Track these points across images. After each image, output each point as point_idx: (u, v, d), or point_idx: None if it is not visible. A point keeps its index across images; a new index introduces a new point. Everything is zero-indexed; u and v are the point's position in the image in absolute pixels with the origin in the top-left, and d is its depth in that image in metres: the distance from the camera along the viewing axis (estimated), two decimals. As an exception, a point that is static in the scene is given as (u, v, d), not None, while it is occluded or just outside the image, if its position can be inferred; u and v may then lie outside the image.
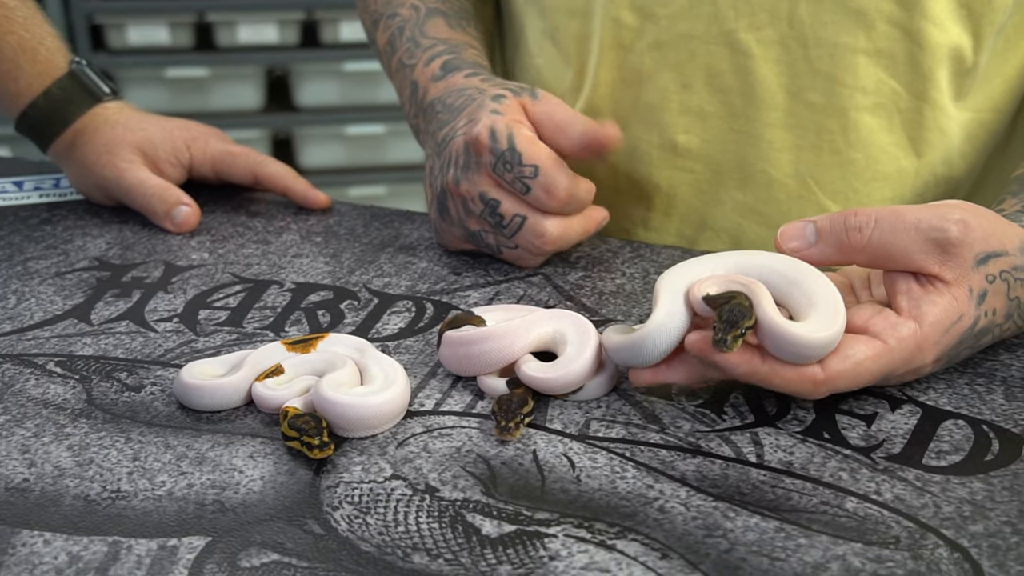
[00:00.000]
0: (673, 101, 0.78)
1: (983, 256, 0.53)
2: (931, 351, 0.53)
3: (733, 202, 0.80)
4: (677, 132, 0.79)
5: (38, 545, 0.46)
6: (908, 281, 0.53)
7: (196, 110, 2.36)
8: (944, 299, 0.52)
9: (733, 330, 0.49)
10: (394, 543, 0.46)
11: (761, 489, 0.49)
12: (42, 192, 0.86)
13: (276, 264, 0.73)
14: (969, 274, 0.53)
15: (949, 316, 0.53)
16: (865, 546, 0.45)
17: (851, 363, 0.51)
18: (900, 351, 0.52)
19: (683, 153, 0.79)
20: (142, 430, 0.54)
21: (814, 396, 0.52)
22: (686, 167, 0.80)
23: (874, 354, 0.51)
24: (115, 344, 0.62)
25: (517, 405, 0.53)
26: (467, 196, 0.68)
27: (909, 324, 0.52)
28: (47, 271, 0.72)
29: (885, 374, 0.53)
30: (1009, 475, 0.50)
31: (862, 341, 0.52)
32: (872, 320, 0.53)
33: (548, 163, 0.66)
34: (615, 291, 0.68)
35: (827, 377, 0.51)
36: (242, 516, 0.48)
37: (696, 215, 0.81)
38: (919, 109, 0.74)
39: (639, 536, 0.46)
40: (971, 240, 0.52)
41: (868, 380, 0.52)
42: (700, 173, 0.80)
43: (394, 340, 0.62)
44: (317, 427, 0.51)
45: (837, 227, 0.53)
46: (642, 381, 0.55)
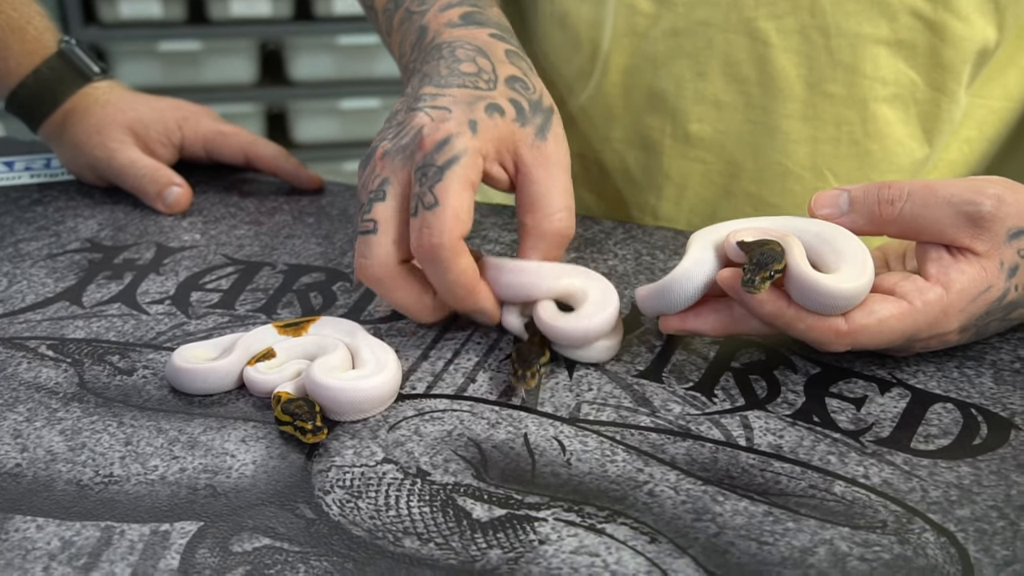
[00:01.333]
0: (688, 89, 0.77)
1: (1016, 231, 0.53)
2: (956, 318, 0.53)
3: (746, 194, 0.79)
4: (691, 121, 0.78)
5: (31, 530, 0.46)
6: (939, 250, 0.54)
7: (189, 84, 2.35)
8: (973, 268, 0.53)
9: (762, 272, 0.50)
10: (385, 527, 0.46)
11: (750, 473, 0.49)
12: (33, 172, 0.86)
13: (268, 245, 0.73)
14: (1001, 247, 0.53)
15: (977, 285, 0.53)
16: (852, 530, 0.46)
17: (875, 319, 0.52)
18: (925, 313, 0.52)
19: (696, 143, 0.79)
20: (134, 414, 0.54)
21: (834, 348, 0.53)
22: (699, 157, 0.79)
23: (899, 313, 0.52)
24: (107, 327, 0.62)
25: (535, 355, 0.54)
26: (378, 170, 0.59)
27: (936, 289, 0.53)
28: (38, 253, 0.72)
29: (908, 335, 0.53)
30: (996, 459, 0.50)
31: (888, 300, 0.52)
32: (900, 283, 0.53)
33: (451, 213, 0.55)
34: (607, 273, 0.68)
35: (850, 329, 0.52)
36: (234, 501, 0.48)
37: (707, 206, 0.81)
38: (936, 101, 0.74)
39: (628, 520, 0.46)
40: (1004, 215, 0.53)
41: (890, 339, 0.53)
42: (713, 164, 0.79)
43: (386, 323, 0.62)
44: (310, 412, 0.51)
45: (870, 198, 0.54)
46: (671, 327, 0.56)
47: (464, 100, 0.60)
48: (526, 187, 0.60)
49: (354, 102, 2.44)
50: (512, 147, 0.60)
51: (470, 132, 0.58)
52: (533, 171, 0.60)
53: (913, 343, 0.55)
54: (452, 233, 0.55)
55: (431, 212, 0.55)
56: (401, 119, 0.61)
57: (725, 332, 0.56)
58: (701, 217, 0.81)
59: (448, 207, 0.55)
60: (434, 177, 0.56)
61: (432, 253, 0.55)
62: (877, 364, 0.58)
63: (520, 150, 0.60)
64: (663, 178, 0.81)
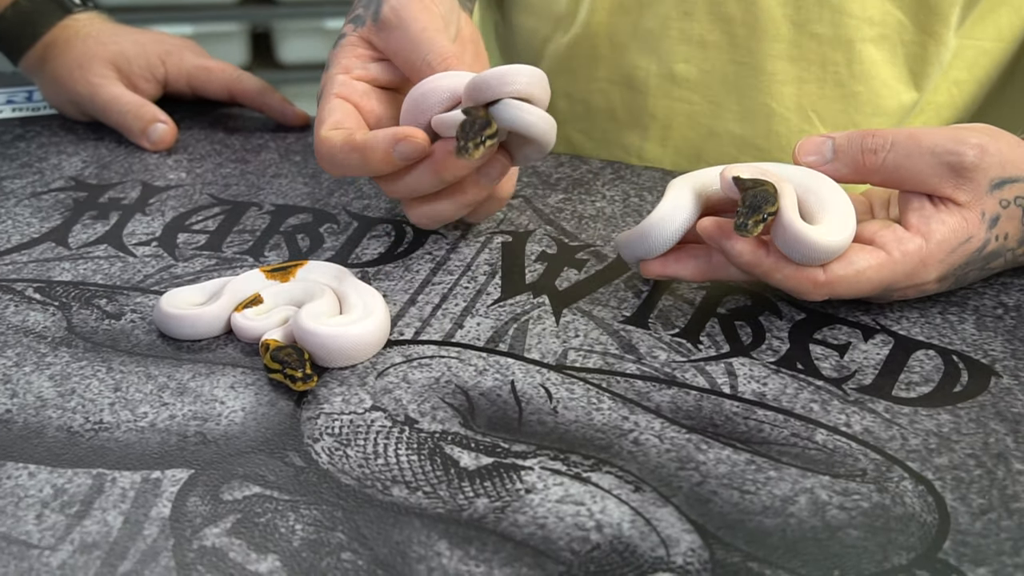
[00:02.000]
0: (673, 29, 0.76)
1: (998, 181, 0.53)
2: (935, 268, 0.54)
3: (731, 135, 0.79)
4: (676, 61, 0.77)
5: (23, 477, 0.47)
6: (921, 199, 0.54)
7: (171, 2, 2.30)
8: (954, 219, 0.53)
9: (755, 215, 0.50)
10: (374, 476, 0.47)
11: (734, 421, 0.50)
12: (15, 106, 0.84)
13: (255, 185, 0.72)
14: (983, 198, 0.53)
15: (957, 236, 0.53)
16: (833, 479, 0.47)
17: (853, 269, 0.52)
18: (903, 264, 0.53)
19: (681, 83, 0.78)
20: (123, 359, 0.55)
21: (811, 298, 0.54)
22: (684, 97, 0.79)
23: (877, 263, 0.52)
24: (94, 269, 0.62)
25: (480, 126, 0.53)
26: None
27: (916, 240, 0.53)
28: (23, 191, 0.71)
29: (886, 285, 0.54)
30: (976, 407, 0.51)
31: (867, 250, 0.53)
32: (880, 232, 0.54)
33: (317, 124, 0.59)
34: (595, 214, 0.68)
35: (828, 280, 0.52)
36: (224, 448, 0.48)
37: (692, 147, 0.81)
38: (923, 43, 0.74)
39: (613, 468, 0.47)
40: (987, 165, 0.53)
41: (868, 289, 0.54)
42: (698, 104, 0.79)
43: (374, 266, 0.63)
44: (300, 359, 0.51)
45: (854, 147, 0.54)
46: (651, 272, 0.57)
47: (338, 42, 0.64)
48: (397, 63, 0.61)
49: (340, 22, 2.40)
50: (367, 45, 0.63)
51: (324, 73, 0.63)
52: (388, 46, 0.61)
53: (891, 292, 0.55)
54: (317, 135, 0.59)
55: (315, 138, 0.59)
56: None
57: (704, 277, 0.56)
58: (686, 158, 0.81)
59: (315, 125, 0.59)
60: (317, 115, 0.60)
61: (321, 162, 0.59)
62: (861, 310, 0.58)
63: (373, 42, 0.62)
64: (648, 118, 0.81)
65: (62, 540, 0.43)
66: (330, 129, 0.59)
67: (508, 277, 0.61)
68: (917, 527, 0.44)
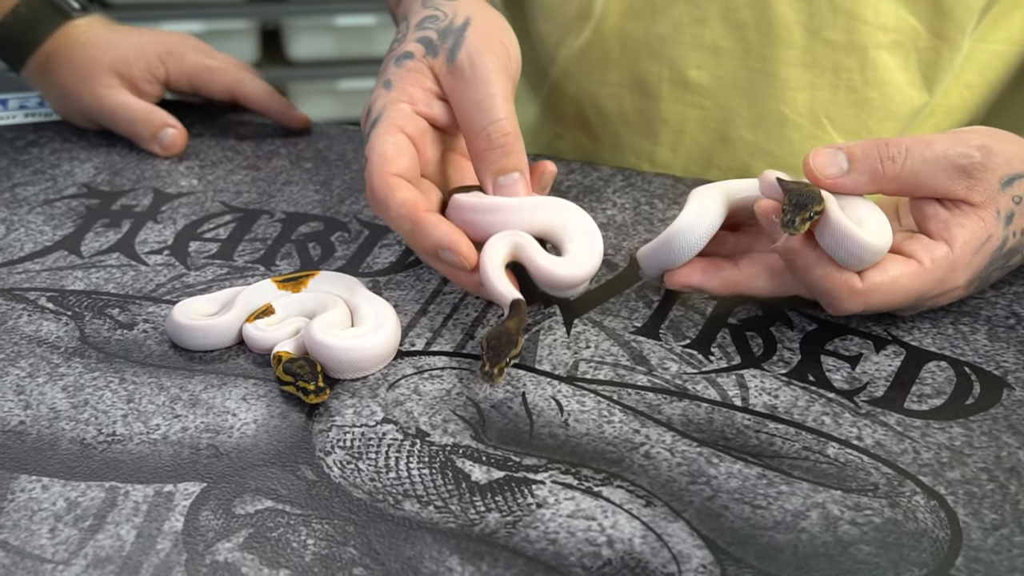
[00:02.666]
0: (686, 35, 0.76)
1: (1008, 178, 0.54)
2: (963, 272, 0.54)
3: (742, 141, 0.79)
4: (688, 67, 0.77)
5: (36, 491, 0.47)
6: (935, 206, 0.54)
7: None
8: (971, 221, 0.53)
9: (802, 212, 0.50)
10: (385, 489, 0.47)
11: (745, 434, 0.50)
12: (27, 111, 0.85)
13: (266, 192, 0.72)
14: (996, 196, 0.53)
15: (978, 237, 0.53)
16: (844, 493, 0.47)
17: (889, 277, 0.52)
18: (934, 271, 0.53)
19: (694, 88, 0.78)
20: (135, 370, 0.55)
21: (845, 307, 0.53)
22: (696, 103, 0.79)
23: (911, 272, 0.53)
24: (106, 278, 0.63)
25: (504, 347, 0.52)
26: None
27: (941, 246, 0.53)
28: (35, 198, 0.71)
29: (919, 294, 0.54)
30: (988, 419, 0.51)
31: (899, 259, 0.53)
32: (905, 243, 0.54)
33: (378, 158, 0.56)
34: (606, 223, 0.68)
35: (865, 288, 0.52)
36: (236, 461, 0.49)
37: (703, 153, 0.81)
38: (936, 48, 0.73)
39: (624, 483, 0.47)
40: (994, 164, 0.53)
41: (902, 299, 0.53)
42: (710, 110, 0.79)
43: (385, 275, 0.63)
44: (312, 372, 0.51)
45: (871, 156, 0.53)
46: (676, 282, 0.57)
47: (382, 71, 0.61)
48: (455, 111, 0.59)
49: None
50: (433, 79, 0.59)
51: (385, 91, 0.59)
52: (454, 94, 0.58)
53: (922, 302, 0.55)
54: (381, 174, 0.56)
55: (365, 169, 0.57)
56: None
57: (730, 291, 0.56)
58: (697, 163, 0.81)
59: (374, 155, 0.56)
60: (364, 142, 0.58)
61: (372, 200, 0.57)
62: (873, 320, 0.58)
63: (440, 79, 0.59)
64: (660, 123, 0.81)
65: (75, 555, 0.44)
66: (396, 175, 0.56)
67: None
68: (929, 543, 0.44)
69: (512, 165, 0.57)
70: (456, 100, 0.58)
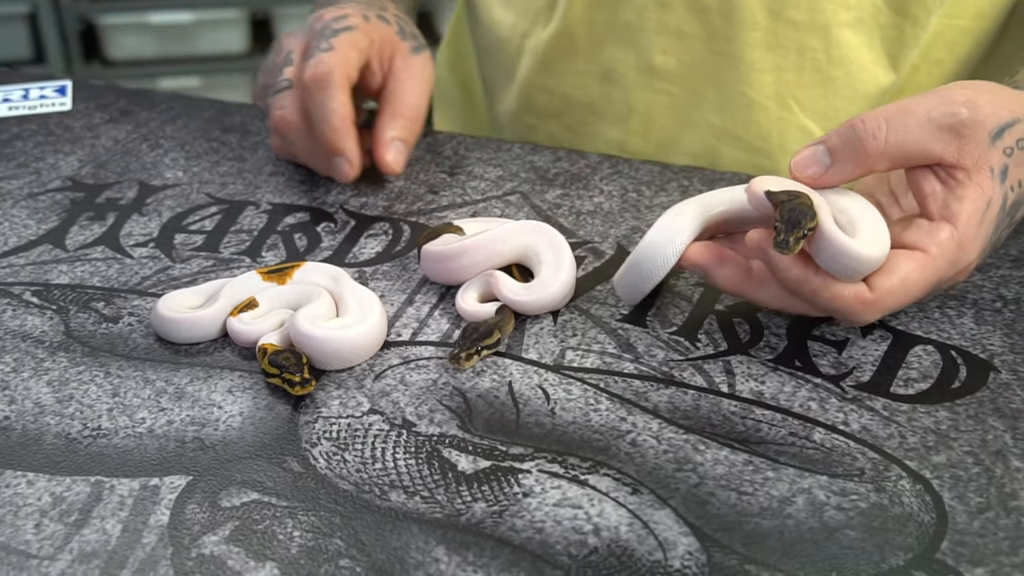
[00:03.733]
0: (651, 20, 0.76)
1: (997, 130, 0.52)
2: (972, 247, 0.52)
3: (709, 125, 0.79)
4: (654, 53, 0.77)
5: (22, 486, 0.47)
6: (932, 183, 0.52)
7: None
8: (969, 191, 0.52)
9: (795, 231, 0.48)
10: (371, 480, 0.47)
11: (731, 421, 0.50)
12: (11, 104, 0.84)
13: (252, 183, 0.72)
14: (987, 153, 0.52)
15: (979, 207, 0.52)
16: (831, 479, 0.47)
17: (898, 278, 0.50)
18: (943, 256, 0.51)
19: (660, 74, 0.78)
20: (120, 364, 0.55)
21: (862, 320, 0.52)
22: (663, 89, 0.79)
23: (919, 266, 0.51)
24: (91, 272, 0.62)
25: (480, 336, 0.53)
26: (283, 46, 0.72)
27: (944, 227, 0.51)
28: (19, 192, 0.71)
29: (934, 284, 0.52)
30: (975, 403, 0.51)
31: (903, 255, 0.51)
32: (906, 233, 0.52)
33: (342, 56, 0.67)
34: (593, 210, 0.68)
35: (876, 297, 0.50)
36: (222, 454, 0.48)
37: (671, 138, 0.81)
38: (899, 26, 0.73)
39: (611, 471, 0.47)
40: (983, 116, 0.52)
41: (918, 294, 0.52)
42: (677, 95, 0.79)
43: (371, 265, 0.62)
44: (298, 363, 0.51)
45: (850, 140, 0.52)
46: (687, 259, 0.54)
47: (360, 8, 0.72)
48: (391, 84, 0.70)
49: None
50: (390, 52, 0.71)
51: (363, 20, 0.70)
52: (400, 73, 0.70)
53: (941, 287, 0.54)
54: (341, 69, 0.66)
55: (326, 52, 0.67)
56: None
57: (735, 291, 0.54)
58: (666, 149, 0.81)
59: (339, 51, 0.67)
60: (331, 34, 0.68)
61: (322, 80, 0.65)
62: (860, 305, 0.58)
63: (395, 56, 0.71)
64: (628, 110, 0.81)
65: (61, 549, 0.44)
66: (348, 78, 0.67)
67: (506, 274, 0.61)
68: (915, 527, 0.44)
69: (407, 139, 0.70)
70: (399, 76, 0.70)
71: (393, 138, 0.68)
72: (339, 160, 0.66)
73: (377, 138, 0.68)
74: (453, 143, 0.76)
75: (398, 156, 0.68)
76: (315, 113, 0.66)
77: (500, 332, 0.54)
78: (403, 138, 0.69)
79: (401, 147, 0.69)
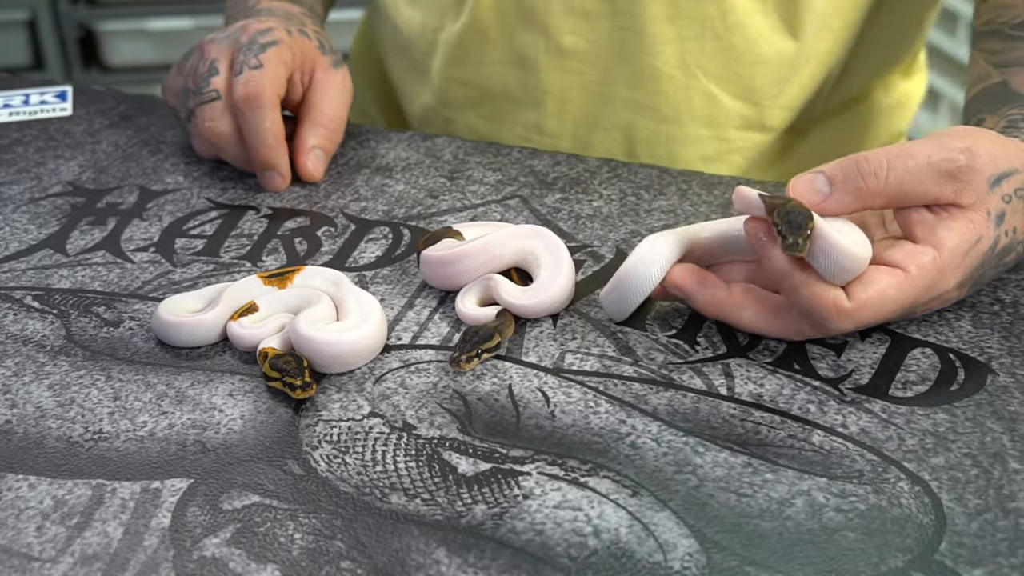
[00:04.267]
0: (556, 3, 0.80)
1: (995, 178, 0.53)
2: (952, 276, 0.53)
3: (622, 100, 0.82)
4: (563, 34, 0.81)
5: (23, 489, 0.47)
6: (920, 211, 0.53)
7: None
8: (959, 223, 0.52)
9: (800, 232, 0.49)
10: (372, 483, 0.47)
11: (731, 423, 0.50)
12: (11, 110, 0.85)
13: (252, 187, 0.72)
14: (985, 198, 0.53)
15: (967, 239, 0.52)
16: (829, 481, 0.47)
17: (875, 290, 0.51)
18: (922, 278, 0.52)
19: (570, 55, 0.82)
20: (122, 368, 0.55)
21: (835, 326, 0.52)
22: (575, 69, 0.82)
23: (897, 282, 0.51)
24: (92, 276, 0.62)
25: (480, 339, 0.53)
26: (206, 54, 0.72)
27: (928, 251, 0.52)
28: (20, 197, 0.71)
29: (910, 304, 0.52)
30: (972, 405, 0.51)
31: (883, 270, 0.51)
32: (889, 252, 0.52)
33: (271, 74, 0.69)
34: (592, 214, 0.68)
35: (854, 307, 0.51)
36: (223, 457, 0.49)
37: (588, 117, 0.84)
38: None
39: (611, 473, 0.47)
40: (981, 165, 0.52)
41: (892, 310, 0.52)
42: (589, 74, 0.82)
43: (371, 269, 0.63)
44: (299, 367, 0.51)
45: (851, 175, 0.52)
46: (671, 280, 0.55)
47: (282, 22, 0.74)
48: (311, 95, 0.73)
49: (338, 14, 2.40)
50: (311, 66, 0.73)
51: (287, 34, 0.72)
52: (321, 85, 0.73)
53: (915, 310, 0.54)
54: (271, 87, 0.69)
55: (255, 70, 0.69)
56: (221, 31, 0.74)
57: (716, 313, 0.55)
58: (585, 127, 0.84)
59: (269, 69, 0.69)
60: (258, 49, 0.70)
61: (254, 100, 0.68)
62: (858, 308, 0.58)
63: (316, 70, 0.73)
64: (542, 94, 0.84)
65: (63, 552, 0.44)
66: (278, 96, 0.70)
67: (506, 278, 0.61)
68: (913, 528, 0.44)
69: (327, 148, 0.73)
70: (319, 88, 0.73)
71: (314, 146, 0.71)
72: (271, 174, 0.70)
73: (298, 146, 0.71)
74: (452, 148, 0.76)
75: (317, 163, 0.72)
76: (248, 131, 0.69)
77: (500, 335, 0.54)
78: (323, 146, 0.72)
79: (321, 155, 0.72)
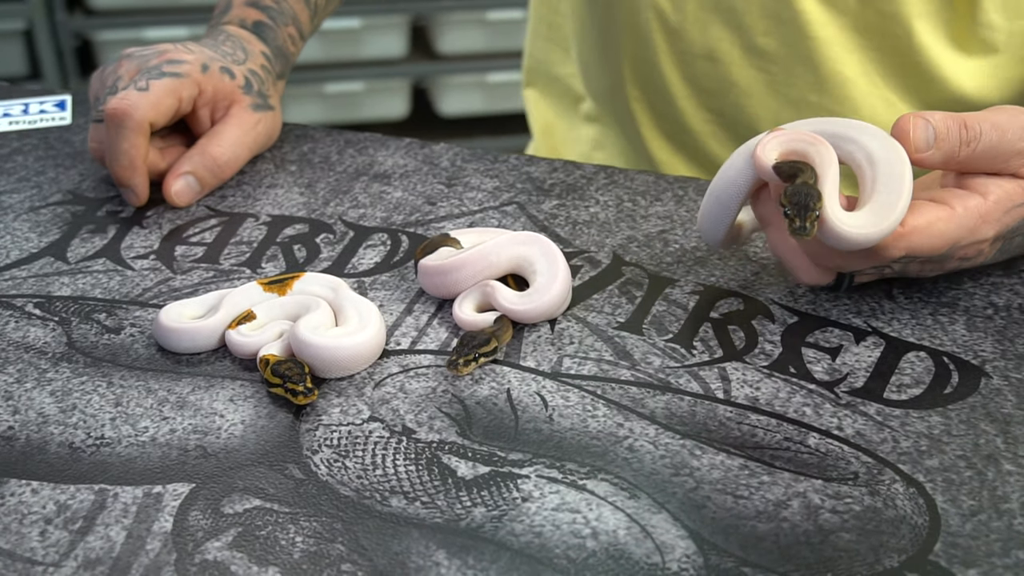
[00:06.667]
0: (750, 6, 0.81)
1: None
2: (992, 226, 0.55)
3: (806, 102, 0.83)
4: (756, 35, 0.82)
5: (26, 495, 0.47)
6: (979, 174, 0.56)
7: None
8: (1010, 184, 0.55)
9: (808, 214, 0.51)
10: (372, 487, 0.47)
11: (727, 426, 0.51)
12: (11, 119, 0.85)
13: (251, 195, 0.73)
14: None
15: (1012, 198, 0.55)
16: (825, 483, 0.47)
17: (925, 220, 0.53)
18: (966, 217, 0.54)
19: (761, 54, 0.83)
20: (123, 374, 0.55)
21: (888, 252, 0.53)
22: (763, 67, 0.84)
23: (946, 215, 0.54)
24: (93, 283, 0.63)
25: (478, 343, 0.54)
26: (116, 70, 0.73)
27: (975, 196, 0.55)
28: (21, 206, 0.72)
29: (954, 240, 0.54)
30: (967, 408, 0.52)
31: (932, 205, 0.54)
32: (938, 192, 0.55)
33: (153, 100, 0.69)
34: (589, 220, 0.68)
35: (906, 231, 0.53)
36: (224, 461, 0.49)
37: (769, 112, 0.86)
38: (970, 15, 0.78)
39: (609, 476, 0.48)
40: None
41: (939, 244, 0.54)
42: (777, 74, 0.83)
43: (370, 275, 0.63)
44: (300, 373, 0.52)
45: (952, 138, 0.54)
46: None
47: (208, 53, 0.74)
48: (215, 127, 0.73)
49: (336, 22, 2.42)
50: (227, 103, 0.74)
51: (200, 70, 0.72)
52: (229, 120, 0.73)
53: (955, 251, 0.56)
54: (146, 112, 0.68)
55: (138, 92, 0.69)
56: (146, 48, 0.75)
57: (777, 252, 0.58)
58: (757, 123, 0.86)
59: (151, 95, 0.69)
60: (155, 75, 0.70)
61: (120, 118, 0.68)
62: (853, 312, 0.59)
63: (232, 108, 0.74)
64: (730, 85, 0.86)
65: (66, 556, 0.44)
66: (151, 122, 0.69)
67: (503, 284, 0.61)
68: (908, 529, 0.45)
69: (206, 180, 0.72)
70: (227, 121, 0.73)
71: (187, 172, 0.71)
72: (127, 191, 0.70)
73: (173, 168, 0.71)
74: (450, 155, 0.77)
75: (183, 189, 0.71)
76: (108, 147, 0.69)
77: (498, 341, 0.55)
78: (198, 174, 0.71)
79: (192, 182, 0.71)
